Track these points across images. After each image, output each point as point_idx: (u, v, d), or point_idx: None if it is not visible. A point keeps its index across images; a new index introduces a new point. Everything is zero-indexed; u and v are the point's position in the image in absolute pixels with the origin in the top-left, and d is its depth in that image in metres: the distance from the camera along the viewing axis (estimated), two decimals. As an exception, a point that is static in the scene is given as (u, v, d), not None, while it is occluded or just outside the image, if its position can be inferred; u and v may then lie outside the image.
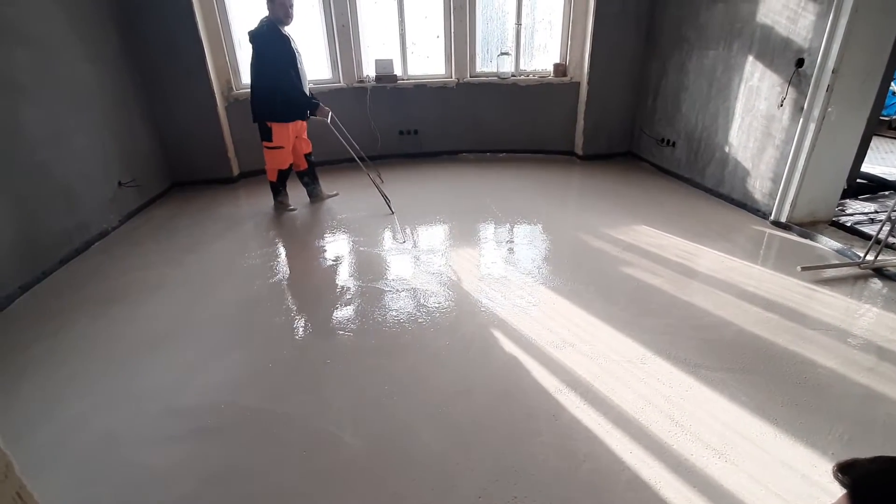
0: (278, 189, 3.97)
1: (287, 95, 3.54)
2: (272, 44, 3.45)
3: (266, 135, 3.67)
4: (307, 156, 4.01)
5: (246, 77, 4.63)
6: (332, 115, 3.87)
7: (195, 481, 1.59)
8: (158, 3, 3.97)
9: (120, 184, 3.76)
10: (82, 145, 3.37)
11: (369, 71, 4.96)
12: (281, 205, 4.01)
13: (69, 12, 3.33)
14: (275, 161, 3.80)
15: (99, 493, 1.57)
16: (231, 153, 4.68)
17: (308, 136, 3.96)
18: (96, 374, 2.12)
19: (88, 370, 2.14)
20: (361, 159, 4.05)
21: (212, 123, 4.46)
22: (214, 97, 4.39)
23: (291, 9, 3.50)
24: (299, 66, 3.60)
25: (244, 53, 4.57)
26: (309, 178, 4.14)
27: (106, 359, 2.22)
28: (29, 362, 2.20)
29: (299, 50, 3.62)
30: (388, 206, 3.85)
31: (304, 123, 3.85)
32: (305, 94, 3.67)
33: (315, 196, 4.19)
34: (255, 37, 3.47)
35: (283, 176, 3.92)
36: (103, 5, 3.72)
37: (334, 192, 4.30)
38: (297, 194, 4.16)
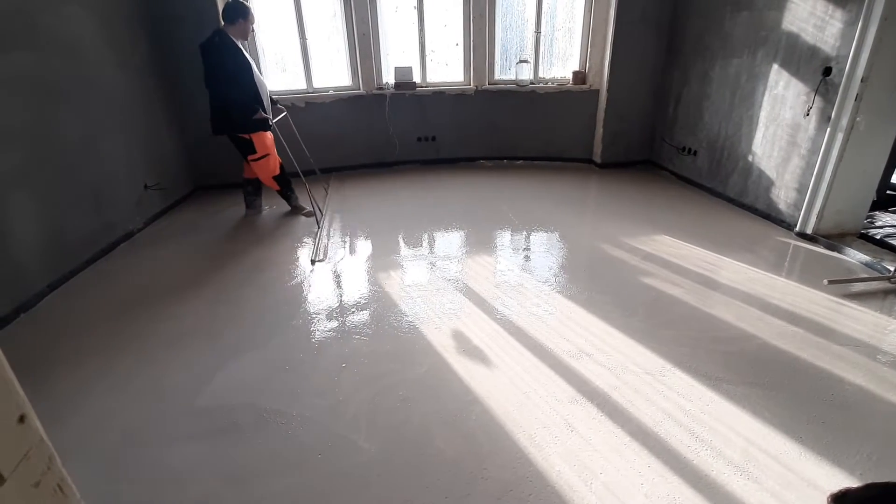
0: (287, 195, 3.99)
1: (252, 105, 3.43)
2: (232, 55, 3.33)
3: (248, 148, 3.55)
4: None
5: (268, 84, 4.71)
6: (278, 119, 3.76)
7: (213, 481, 1.62)
8: (185, 13, 4.09)
9: (146, 186, 3.86)
10: (111, 149, 3.47)
11: (389, 78, 5.01)
12: (297, 209, 4.05)
13: (102, 22, 3.45)
14: (266, 170, 3.71)
15: (121, 489, 1.60)
16: (252, 158, 4.78)
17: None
18: (120, 372, 2.17)
19: (112, 368, 2.19)
20: (307, 172, 3.89)
21: (235, 129, 4.56)
22: (238, 103, 4.48)
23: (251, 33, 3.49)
24: (256, 74, 3.49)
25: (266, 60, 4.68)
26: (253, 188, 4.06)
27: (129, 358, 2.27)
28: (56, 360, 2.26)
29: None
30: (317, 221, 3.75)
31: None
32: (267, 103, 3.57)
33: (254, 208, 4.10)
34: (212, 49, 3.30)
35: (284, 181, 3.88)
36: (134, 15, 3.85)
37: (307, 208, 4.03)
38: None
